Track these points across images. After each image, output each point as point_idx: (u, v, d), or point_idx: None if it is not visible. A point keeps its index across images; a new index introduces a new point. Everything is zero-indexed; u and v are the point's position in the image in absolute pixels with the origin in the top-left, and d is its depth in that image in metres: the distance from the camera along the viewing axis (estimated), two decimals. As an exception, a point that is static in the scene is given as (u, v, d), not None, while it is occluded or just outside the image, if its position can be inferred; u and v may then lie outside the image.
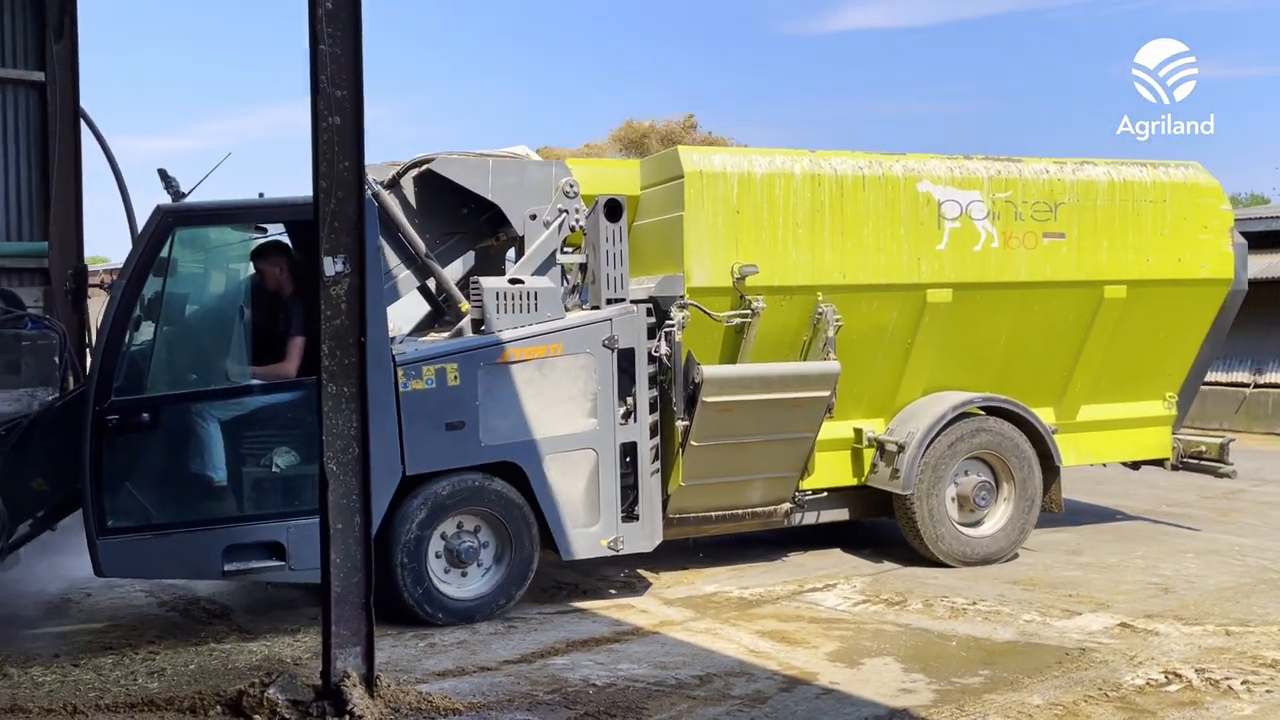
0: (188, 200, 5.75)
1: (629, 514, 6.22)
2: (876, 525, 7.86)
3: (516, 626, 5.84)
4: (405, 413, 5.68)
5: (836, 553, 7.52)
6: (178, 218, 5.59)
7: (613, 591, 6.61)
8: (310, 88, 4.43)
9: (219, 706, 4.45)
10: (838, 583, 6.72)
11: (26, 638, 5.65)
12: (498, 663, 5.18)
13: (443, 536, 5.86)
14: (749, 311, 6.66)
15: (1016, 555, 7.26)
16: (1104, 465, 8.42)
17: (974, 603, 6.17)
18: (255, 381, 5.74)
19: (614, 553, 6.17)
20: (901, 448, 6.95)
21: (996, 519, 7.23)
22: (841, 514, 7.39)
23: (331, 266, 4.52)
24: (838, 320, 6.75)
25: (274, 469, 5.66)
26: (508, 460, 5.92)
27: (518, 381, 5.92)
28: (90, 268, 8.29)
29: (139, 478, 5.53)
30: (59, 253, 8.62)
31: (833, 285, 6.84)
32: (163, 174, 5.79)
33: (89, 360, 6.17)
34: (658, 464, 6.44)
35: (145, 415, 5.41)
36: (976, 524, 7.23)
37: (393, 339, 5.99)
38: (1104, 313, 7.40)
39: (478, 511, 5.92)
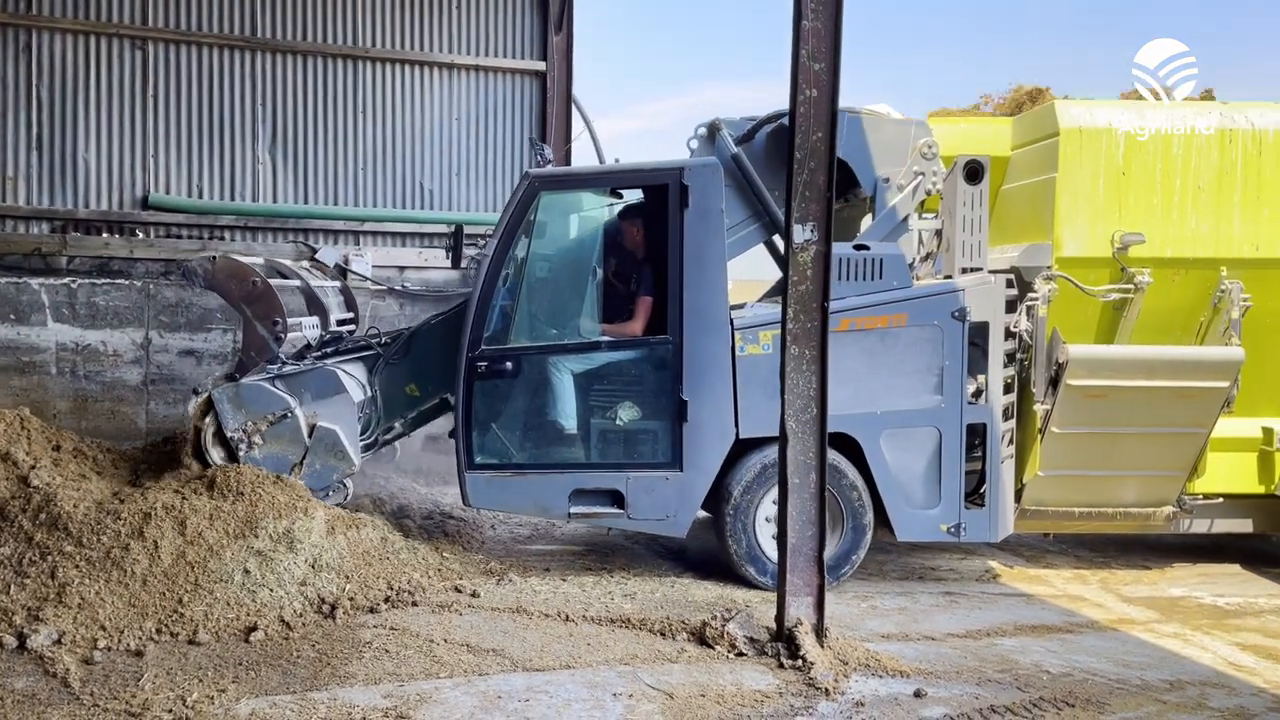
0: (552, 167, 6.18)
1: (975, 500, 5.90)
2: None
3: (959, 602, 5.79)
4: (740, 376, 5.76)
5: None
6: (543, 182, 5.96)
7: (1065, 581, 6.31)
8: (790, 62, 4.65)
9: (685, 633, 4.92)
10: (1342, 603, 5.86)
11: (523, 552, 6.58)
12: (942, 634, 5.18)
13: (773, 501, 5.72)
14: (1131, 286, 6.00)
15: None
16: None
17: None
18: (604, 338, 6.03)
19: (953, 539, 5.91)
20: None
21: None
22: (1243, 525, 6.55)
23: (801, 234, 4.73)
24: (1245, 300, 5.94)
25: (617, 421, 5.94)
26: (842, 432, 5.78)
27: (857, 351, 5.76)
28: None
29: (502, 420, 6.01)
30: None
31: (1241, 259, 6.09)
32: (533, 142, 6.32)
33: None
34: (1012, 450, 6.09)
35: (508, 364, 5.86)
36: None
37: (742, 305, 6.04)
38: None
39: None
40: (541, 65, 9.80)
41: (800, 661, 4.48)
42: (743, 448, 5.83)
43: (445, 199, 9.63)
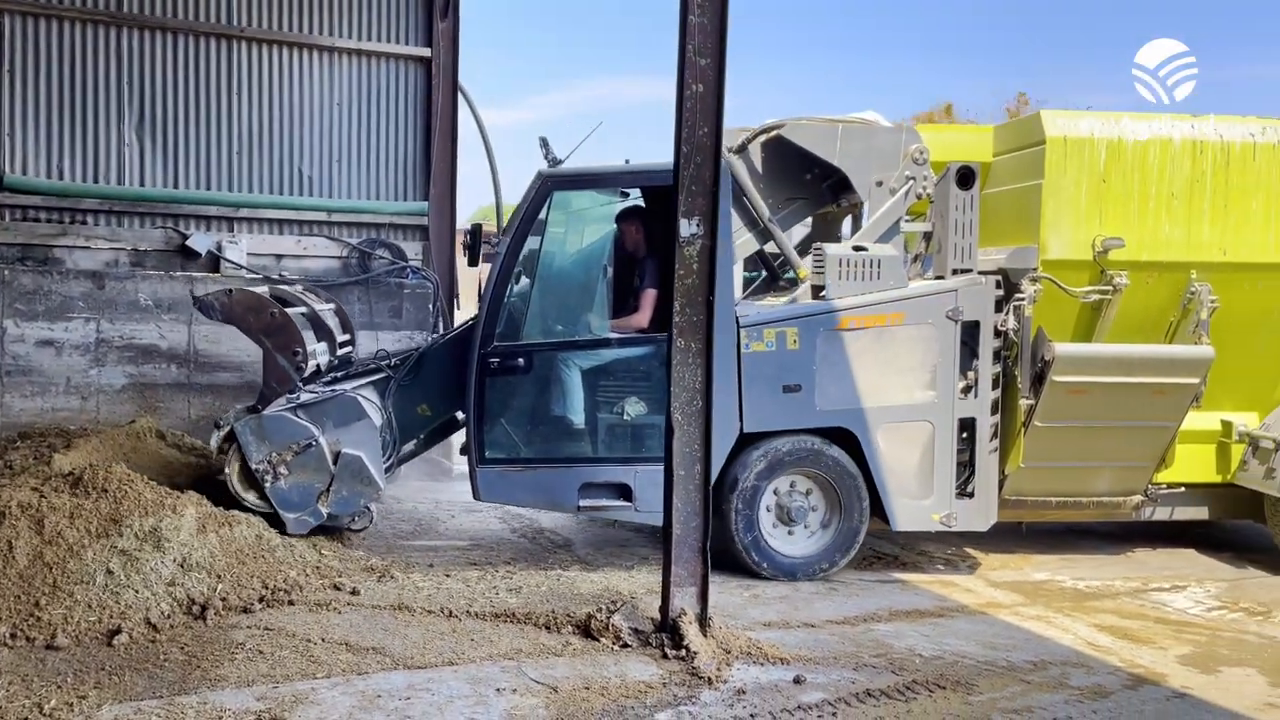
0: (563, 166, 6.22)
1: (963, 491, 6.11)
2: (1239, 529, 7.20)
3: (837, 589, 5.92)
4: (745, 372, 5.91)
5: (1189, 553, 7.05)
6: (556, 182, 6.07)
7: (938, 567, 6.51)
8: (678, 56, 4.66)
9: (570, 626, 4.89)
10: (1188, 585, 6.29)
11: (406, 548, 6.47)
12: (821, 621, 5.29)
13: (775, 492, 6.04)
14: (1110, 288, 6.28)
15: None
16: None
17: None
18: (613, 335, 6.14)
19: (945, 528, 6.07)
20: None
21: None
22: (1199, 512, 6.89)
23: (687, 228, 4.76)
24: (1213, 301, 6.25)
25: (625, 416, 6.05)
26: (841, 426, 5.98)
27: (855, 349, 5.96)
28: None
29: (512, 416, 6.12)
30: (436, 212, 9.55)
31: (1210, 263, 6.37)
32: (543, 141, 6.28)
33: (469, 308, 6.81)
34: (997, 442, 6.25)
35: (520, 360, 5.98)
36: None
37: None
38: None
39: (811, 473, 6.04)
40: (427, 51, 9.53)
41: (684, 651, 4.51)
42: (745, 442, 5.95)
43: (324, 185, 9.28)
